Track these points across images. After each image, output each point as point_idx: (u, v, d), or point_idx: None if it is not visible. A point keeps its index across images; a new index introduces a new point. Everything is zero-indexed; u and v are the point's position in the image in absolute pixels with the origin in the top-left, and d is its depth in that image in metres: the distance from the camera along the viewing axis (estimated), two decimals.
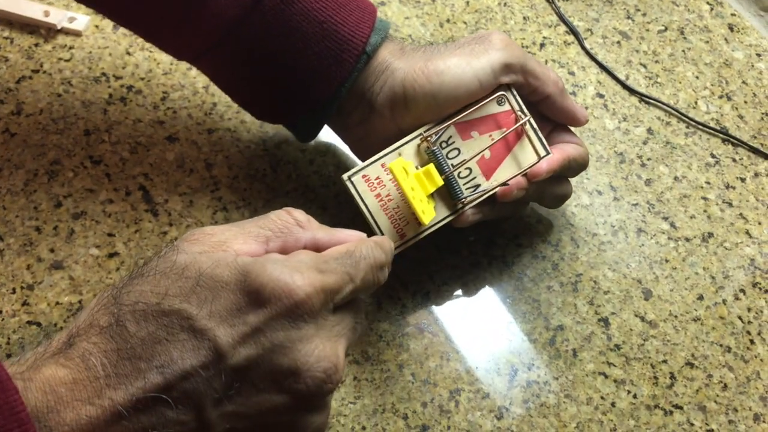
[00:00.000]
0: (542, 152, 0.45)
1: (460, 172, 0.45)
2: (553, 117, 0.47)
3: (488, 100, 0.44)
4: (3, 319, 0.45)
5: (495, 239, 0.52)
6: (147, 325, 0.31)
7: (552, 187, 0.48)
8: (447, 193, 0.44)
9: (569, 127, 0.49)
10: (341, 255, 0.35)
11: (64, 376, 0.30)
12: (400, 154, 0.44)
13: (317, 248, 0.37)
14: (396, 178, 0.41)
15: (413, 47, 0.45)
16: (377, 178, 0.43)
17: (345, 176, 0.43)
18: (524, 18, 0.64)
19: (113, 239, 0.49)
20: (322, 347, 0.33)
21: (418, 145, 0.44)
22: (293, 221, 0.37)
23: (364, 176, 0.43)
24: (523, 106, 0.45)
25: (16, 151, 0.51)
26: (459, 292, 0.50)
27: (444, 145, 0.45)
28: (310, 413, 0.34)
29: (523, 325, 0.49)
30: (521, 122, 0.45)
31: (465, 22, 0.63)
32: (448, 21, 0.63)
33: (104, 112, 0.54)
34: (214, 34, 0.43)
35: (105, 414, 0.30)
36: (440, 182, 0.43)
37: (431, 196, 0.44)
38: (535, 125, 0.46)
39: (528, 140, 0.45)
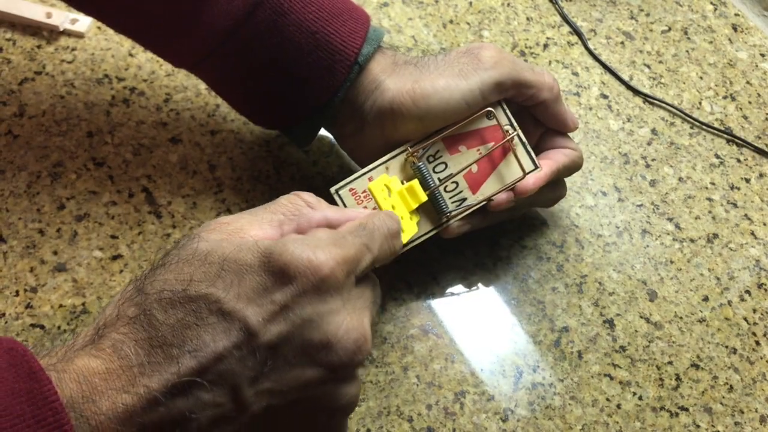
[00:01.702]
0: (529, 167, 0.45)
1: (446, 186, 0.45)
2: (544, 121, 0.47)
3: (476, 115, 0.44)
4: (6, 322, 0.45)
5: (499, 240, 0.52)
6: (175, 312, 0.31)
7: (544, 193, 0.47)
8: (433, 207, 0.45)
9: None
10: (356, 228, 0.36)
11: (97, 366, 0.30)
12: (387, 168, 0.44)
13: (330, 227, 0.37)
14: (375, 199, 0.42)
15: (405, 60, 0.45)
16: (364, 191, 0.43)
17: (333, 189, 0.43)
18: (527, 19, 0.64)
19: (116, 241, 0.48)
20: (350, 319, 0.34)
21: (405, 160, 0.44)
22: (303, 203, 0.38)
23: (351, 189, 0.43)
24: (513, 120, 0.45)
25: (19, 153, 0.51)
26: (463, 293, 0.50)
27: (431, 159, 0.45)
28: (343, 385, 0.35)
29: (528, 326, 0.49)
30: (508, 138, 0.45)
31: (468, 23, 0.63)
32: (451, 22, 0.63)
33: (107, 114, 0.53)
34: (208, 45, 0.43)
35: (141, 401, 0.30)
36: (424, 198, 0.44)
37: (417, 209, 0.44)
38: (524, 139, 0.45)
39: (515, 155, 0.45)
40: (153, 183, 0.51)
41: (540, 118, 0.47)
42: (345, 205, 0.43)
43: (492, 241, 0.51)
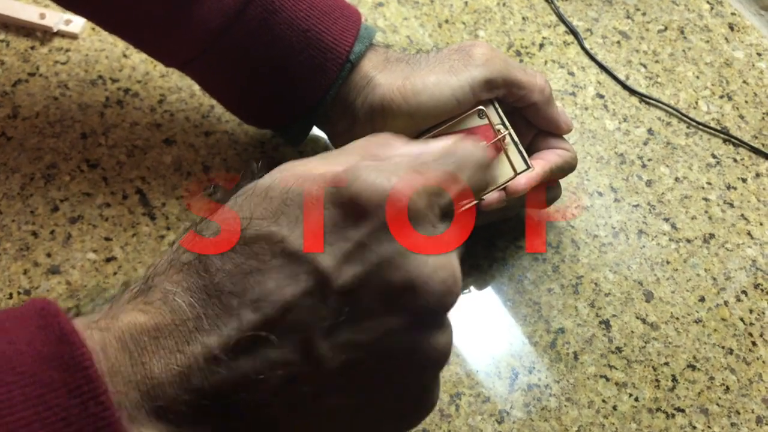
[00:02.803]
0: (521, 167, 0.45)
1: None
2: (537, 124, 0.47)
3: (467, 114, 0.44)
4: None
5: (495, 241, 0.51)
6: (234, 256, 0.27)
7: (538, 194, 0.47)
8: None
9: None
10: (441, 154, 0.30)
11: (145, 322, 0.27)
12: None
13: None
14: None
15: (398, 57, 0.45)
16: None
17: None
18: (523, 18, 0.64)
19: (110, 243, 0.48)
20: (435, 257, 0.28)
21: None
22: (380, 141, 0.32)
23: None
24: (505, 120, 0.45)
25: (13, 155, 0.51)
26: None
27: None
28: (433, 333, 0.29)
29: (524, 327, 0.48)
30: (499, 137, 0.44)
31: (464, 23, 0.62)
32: (446, 21, 0.62)
33: (101, 115, 0.53)
34: (199, 43, 0.43)
35: (198, 362, 0.26)
36: None
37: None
38: (516, 138, 0.45)
39: (506, 155, 0.45)
40: (147, 185, 0.51)
41: (532, 121, 0.47)
42: None
43: (488, 242, 0.51)
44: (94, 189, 0.50)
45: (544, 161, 0.46)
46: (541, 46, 0.62)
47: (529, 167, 0.45)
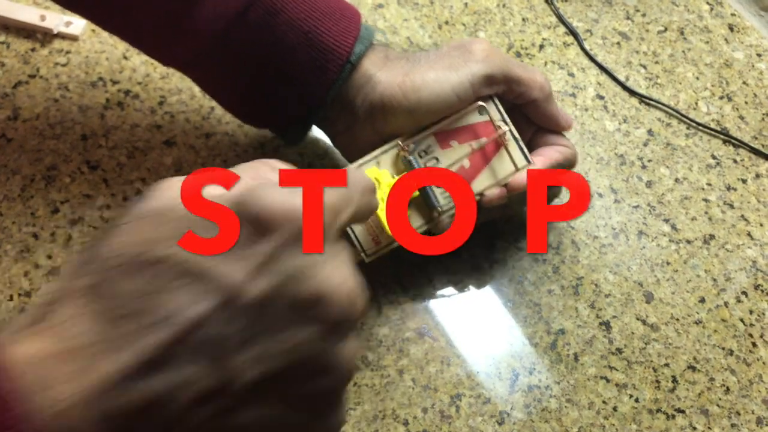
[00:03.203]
0: (522, 163, 0.45)
1: None
2: (537, 121, 0.47)
3: (468, 110, 0.44)
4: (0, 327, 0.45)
5: (495, 242, 0.51)
6: (135, 279, 0.27)
7: None
8: (424, 202, 0.44)
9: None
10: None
11: (48, 347, 0.26)
12: (378, 163, 0.44)
13: None
14: None
15: (397, 55, 0.45)
16: None
17: None
18: (523, 19, 0.64)
19: None
20: (339, 272, 0.29)
21: (396, 154, 0.44)
22: (269, 168, 0.33)
23: None
24: (505, 116, 0.45)
25: (13, 157, 0.51)
26: (459, 296, 0.49)
27: (423, 154, 0.45)
28: (343, 341, 0.30)
29: (524, 329, 0.48)
30: (499, 132, 0.44)
31: (464, 24, 0.62)
32: (446, 23, 0.62)
33: (101, 117, 0.53)
34: (200, 45, 0.43)
35: (105, 384, 0.26)
36: (415, 192, 0.43)
37: (408, 205, 0.44)
38: (516, 134, 0.45)
39: (507, 151, 0.45)
40: (147, 186, 0.51)
41: (532, 118, 0.47)
42: None
43: (488, 243, 0.51)
44: (94, 191, 0.50)
45: (544, 157, 0.46)
46: (541, 47, 0.62)
47: (529, 163, 0.45)
